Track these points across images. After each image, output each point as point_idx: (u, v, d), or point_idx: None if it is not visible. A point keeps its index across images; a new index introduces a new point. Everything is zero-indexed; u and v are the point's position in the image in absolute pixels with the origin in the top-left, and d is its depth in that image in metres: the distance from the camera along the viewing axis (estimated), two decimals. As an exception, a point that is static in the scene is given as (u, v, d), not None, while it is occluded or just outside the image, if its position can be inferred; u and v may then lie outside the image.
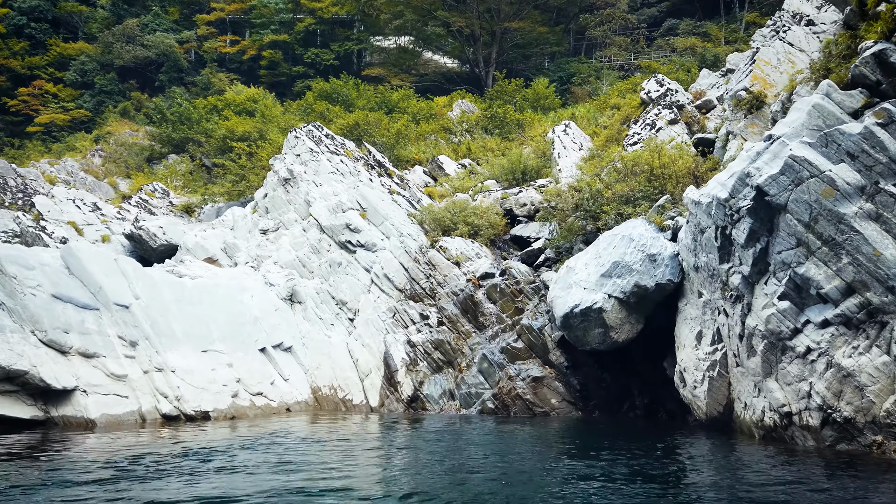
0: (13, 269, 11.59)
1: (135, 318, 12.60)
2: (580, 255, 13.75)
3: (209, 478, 7.10)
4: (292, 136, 20.74)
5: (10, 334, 10.92)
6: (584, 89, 42.08)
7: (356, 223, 17.56)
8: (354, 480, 7.09)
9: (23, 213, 20.27)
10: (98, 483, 6.77)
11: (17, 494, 6.23)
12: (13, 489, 6.43)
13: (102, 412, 11.09)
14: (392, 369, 14.76)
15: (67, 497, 6.21)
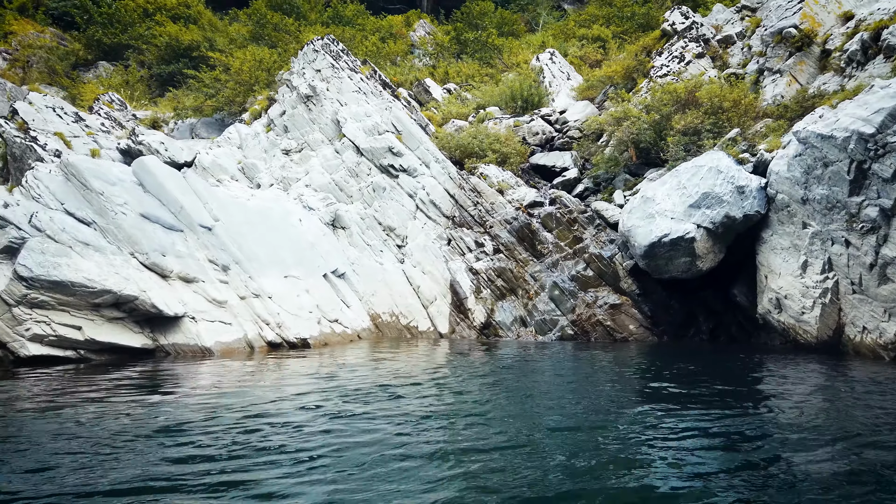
0: (98, 185, 10.47)
1: (220, 241, 11.79)
2: (655, 185, 14.08)
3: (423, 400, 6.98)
4: (309, 49, 19.44)
5: (112, 256, 9.97)
6: (523, 16, 41.31)
7: (398, 146, 17.00)
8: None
9: (4, 119, 18.00)
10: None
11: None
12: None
13: (216, 340, 10.49)
14: (461, 297, 14.76)
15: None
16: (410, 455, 4.63)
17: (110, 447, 4.81)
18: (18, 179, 17.09)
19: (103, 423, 5.58)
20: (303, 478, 4.10)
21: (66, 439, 5.02)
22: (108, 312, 9.66)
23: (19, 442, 4.95)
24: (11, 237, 9.00)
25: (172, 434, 5.25)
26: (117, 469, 4.27)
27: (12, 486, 3.93)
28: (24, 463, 4.37)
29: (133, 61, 37.16)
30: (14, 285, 8.77)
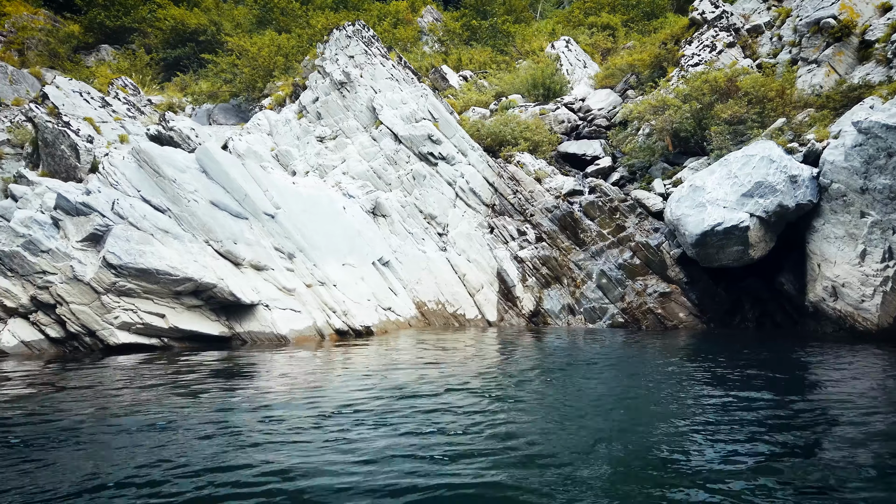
0: (170, 172, 10.38)
1: (284, 228, 11.76)
2: (703, 174, 14.23)
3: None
4: (341, 34, 19.29)
5: (189, 244, 9.92)
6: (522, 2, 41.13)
7: (437, 134, 16.98)
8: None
9: (35, 104, 17.69)
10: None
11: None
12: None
13: (290, 328, 10.49)
14: (508, 285, 14.85)
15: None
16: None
17: (261, 434, 4.85)
18: (50, 165, 16.88)
19: (234, 410, 5.61)
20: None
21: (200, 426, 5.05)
22: (188, 300, 9.62)
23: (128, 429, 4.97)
24: (96, 224, 8.91)
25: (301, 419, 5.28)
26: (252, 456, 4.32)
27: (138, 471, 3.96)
28: (138, 451, 4.39)
29: (138, 45, 36.63)
30: (103, 273, 8.70)
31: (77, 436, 4.58)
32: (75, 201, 9.00)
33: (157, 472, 3.88)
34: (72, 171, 16.56)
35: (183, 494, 3.51)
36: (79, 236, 8.93)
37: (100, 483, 3.66)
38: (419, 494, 3.57)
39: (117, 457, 4.06)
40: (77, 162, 16.51)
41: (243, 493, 3.56)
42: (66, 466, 3.88)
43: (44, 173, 16.95)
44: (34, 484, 3.59)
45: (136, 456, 4.15)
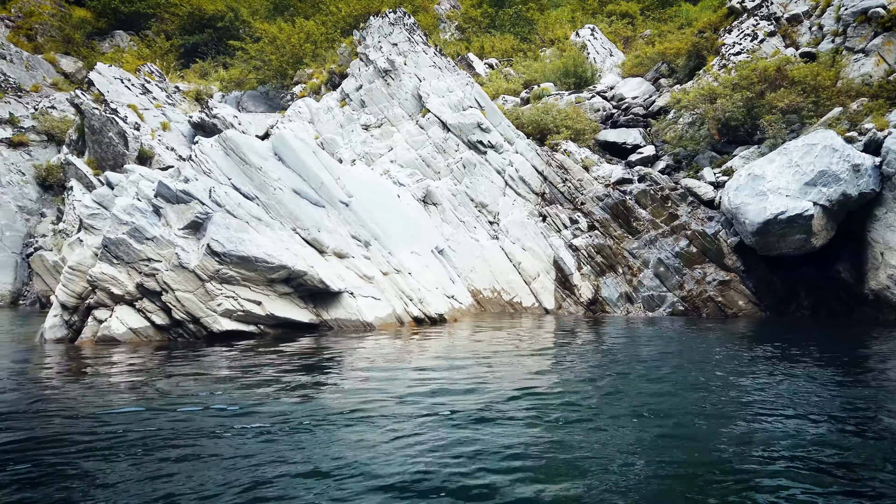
0: (256, 160, 10.41)
1: (358, 217, 11.82)
2: (761, 163, 14.34)
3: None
4: (384, 21, 19.24)
5: (279, 232, 9.97)
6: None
7: (485, 122, 17.02)
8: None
9: (81, 91, 17.60)
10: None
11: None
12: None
13: (375, 315, 10.58)
14: (566, 273, 14.97)
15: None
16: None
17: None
18: (97, 152, 16.85)
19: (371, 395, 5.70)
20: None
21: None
22: (280, 288, 9.68)
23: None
24: (197, 212, 8.94)
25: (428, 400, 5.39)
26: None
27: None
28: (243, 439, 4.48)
29: (155, 31, 36.39)
30: (207, 260, 8.74)
31: (213, 429, 4.66)
32: (176, 189, 9.02)
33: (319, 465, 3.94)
34: (120, 159, 16.54)
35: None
36: (180, 224, 8.96)
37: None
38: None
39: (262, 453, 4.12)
40: (125, 149, 16.48)
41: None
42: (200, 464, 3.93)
43: (90, 161, 16.92)
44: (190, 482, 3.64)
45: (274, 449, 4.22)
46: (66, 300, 8.75)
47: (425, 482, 3.55)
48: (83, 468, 3.79)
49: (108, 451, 4.05)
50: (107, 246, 8.52)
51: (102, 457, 3.98)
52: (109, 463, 3.88)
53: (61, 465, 3.84)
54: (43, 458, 3.96)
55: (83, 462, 3.89)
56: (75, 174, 16.91)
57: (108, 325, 8.35)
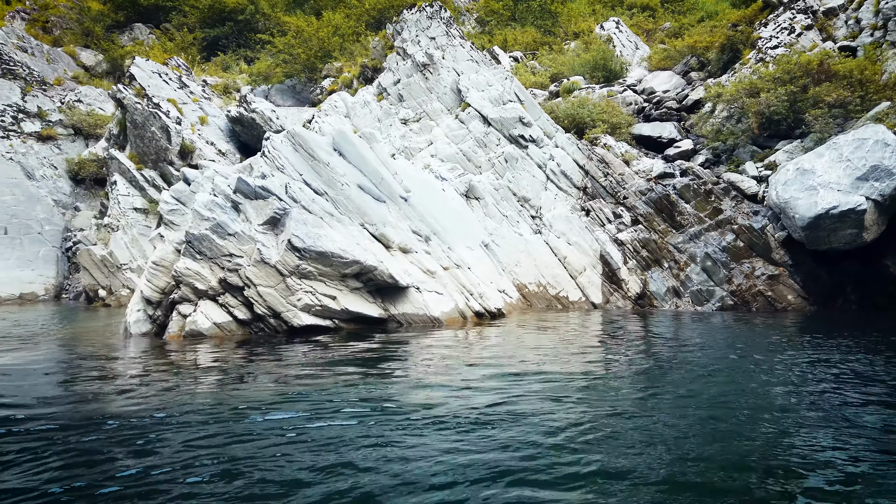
0: (324, 155, 10.46)
1: (417, 212, 11.88)
2: (809, 157, 14.35)
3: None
4: (421, 15, 19.24)
5: (350, 227, 10.03)
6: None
7: (527, 116, 17.04)
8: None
9: (123, 86, 17.63)
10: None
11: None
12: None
13: (441, 310, 10.65)
14: (613, 267, 15.03)
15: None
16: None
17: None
18: (138, 147, 16.90)
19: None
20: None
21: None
22: (351, 283, 9.76)
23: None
24: (275, 208, 9.00)
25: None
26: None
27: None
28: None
29: (175, 24, 36.37)
30: (288, 255, 8.81)
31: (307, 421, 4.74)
32: (254, 185, 9.08)
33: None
34: (162, 153, 16.59)
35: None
36: (259, 220, 9.02)
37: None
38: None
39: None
40: (168, 144, 16.53)
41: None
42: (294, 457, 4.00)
43: (132, 155, 16.98)
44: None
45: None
46: (150, 295, 8.83)
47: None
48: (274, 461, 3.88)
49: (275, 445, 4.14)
50: (190, 241, 8.59)
51: (280, 452, 4.07)
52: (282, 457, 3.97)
53: (248, 458, 3.92)
54: (233, 453, 4.05)
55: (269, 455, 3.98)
56: (118, 168, 16.96)
57: (194, 320, 8.42)
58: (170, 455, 3.96)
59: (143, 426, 4.57)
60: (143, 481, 3.54)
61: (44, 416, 4.86)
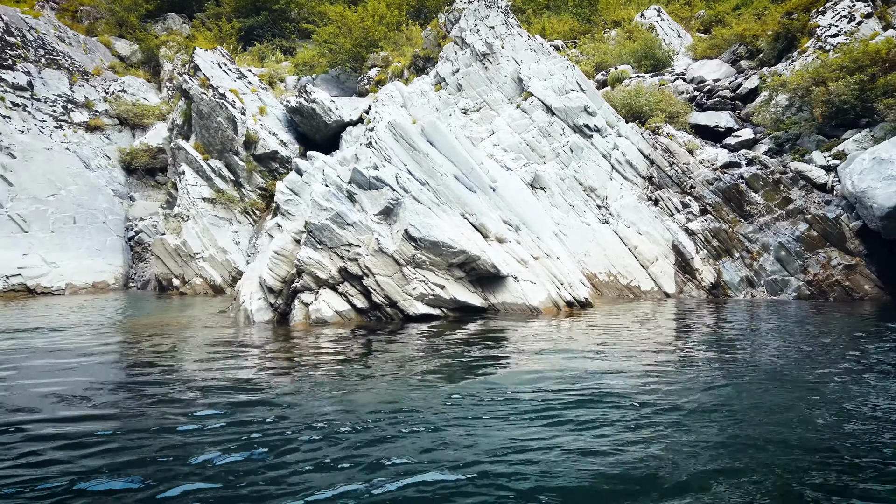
0: (423, 146, 10.51)
1: (505, 202, 11.94)
2: (886, 146, 14.28)
3: None
4: (480, 4, 19.19)
5: (452, 217, 10.10)
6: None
7: (591, 106, 17.01)
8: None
9: (188, 75, 17.71)
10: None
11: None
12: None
13: (539, 299, 10.72)
14: (686, 257, 15.05)
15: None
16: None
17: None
18: (204, 137, 17.00)
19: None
20: None
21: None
22: (456, 272, 9.84)
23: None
24: (389, 198, 9.08)
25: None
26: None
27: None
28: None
29: (210, 13, 36.36)
30: (405, 245, 8.90)
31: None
32: (369, 176, 9.15)
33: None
34: (228, 143, 16.69)
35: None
36: (374, 210, 9.10)
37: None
38: None
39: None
40: (234, 134, 16.62)
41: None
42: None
43: (197, 145, 17.09)
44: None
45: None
46: (272, 284, 8.94)
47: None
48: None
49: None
50: (311, 231, 8.68)
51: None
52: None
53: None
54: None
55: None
56: (185, 158, 17.07)
57: (318, 308, 8.53)
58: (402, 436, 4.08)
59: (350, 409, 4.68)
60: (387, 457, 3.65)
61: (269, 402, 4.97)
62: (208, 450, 3.90)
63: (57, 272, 15.55)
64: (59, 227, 16.46)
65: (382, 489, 3.31)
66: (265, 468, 3.59)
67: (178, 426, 4.35)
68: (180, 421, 4.48)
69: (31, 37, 27.92)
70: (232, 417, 4.52)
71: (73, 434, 4.22)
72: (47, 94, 23.80)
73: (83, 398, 5.17)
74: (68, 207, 17.07)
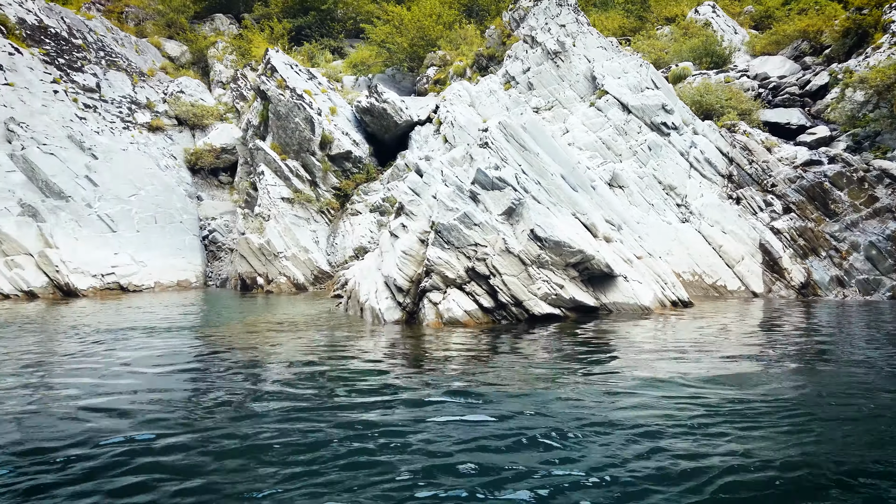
0: (532, 145, 10.52)
1: (605, 200, 11.91)
2: (983, 145, 13.98)
3: None
4: (551, 3, 19.12)
5: (564, 217, 10.09)
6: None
7: (669, 104, 16.88)
8: None
9: (265, 76, 17.90)
10: None
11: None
12: None
13: (649, 298, 10.67)
14: (774, 256, 14.89)
15: None
16: None
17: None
18: (280, 137, 17.16)
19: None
20: None
21: None
22: (571, 272, 9.83)
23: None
24: (512, 199, 9.10)
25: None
26: None
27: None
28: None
29: (258, 14, 36.68)
30: (531, 245, 8.92)
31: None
32: (492, 176, 9.19)
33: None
34: (305, 144, 16.83)
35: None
36: (497, 210, 9.13)
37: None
38: None
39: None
40: (312, 134, 16.76)
41: None
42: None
43: (274, 146, 17.26)
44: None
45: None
46: (402, 283, 9.01)
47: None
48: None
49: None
50: (439, 231, 8.73)
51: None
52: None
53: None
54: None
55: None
56: (263, 159, 17.27)
57: (449, 308, 8.59)
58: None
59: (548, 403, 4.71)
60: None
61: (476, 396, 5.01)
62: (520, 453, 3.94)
63: (146, 270, 15.83)
64: (143, 227, 16.75)
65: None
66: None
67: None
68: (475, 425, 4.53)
69: (90, 38, 28.44)
70: (507, 422, 4.52)
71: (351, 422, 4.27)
72: (113, 95, 24.21)
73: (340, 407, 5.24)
74: (148, 207, 17.35)
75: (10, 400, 5.26)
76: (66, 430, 4.36)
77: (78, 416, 4.67)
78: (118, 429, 4.37)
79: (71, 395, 5.35)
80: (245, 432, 4.22)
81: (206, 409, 4.85)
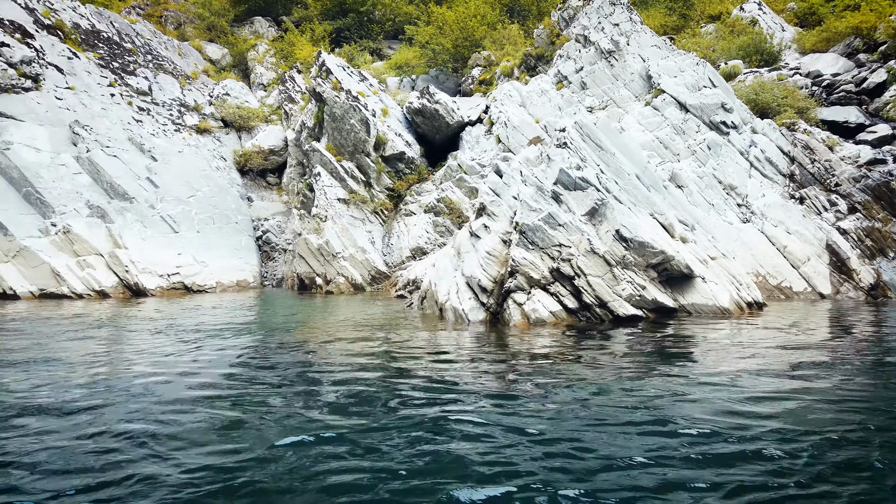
0: (609, 145, 10.42)
1: (677, 200, 11.76)
2: None
3: None
4: (604, 2, 18.96)
5: (643, 217, 9.97)
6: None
7: (728, 102, 16.64)
8: None
9: (320, 79, 18.02)
10: None
11: None
12: None
13: (728, 300, 10.51)
14: (842, 257, 14.58)
15: None
16: None
17: None
18: (336, 139, 17.24)
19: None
20: None
21: None
22: (651, 273, 9.72)
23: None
24: (595, 199, 9.03)
25: None
26: None
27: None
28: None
29: (296, 16, 36.96)
30: (616, 246, 8.84)
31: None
32: (575, 177, 9.12)
33: None
34: (360, 145, 16.90)
35: None
36: (580, 210, 9.06)
37: None
38: None
39: None
40: (366, 136, 16.82)
41: None
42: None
43: (329, 147, 17.36)
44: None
45: None
46: (486, 284, 9.00)
47: None
48: None
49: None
50: (524, 232, 8.70)
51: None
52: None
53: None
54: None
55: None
56: (319, 160, 17.39)
57: (535, 308, 8.55)
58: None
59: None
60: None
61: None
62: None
63: (207, 271, 16.04)
64: (202, 227, 16.97)
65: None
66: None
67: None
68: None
69: (138, 42, 28.90)
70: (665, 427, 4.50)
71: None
72: (164, 98, 24.57)
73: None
74: (206, 208, 17.57)
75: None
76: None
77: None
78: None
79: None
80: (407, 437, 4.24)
81: (376, 416, 4.88)
